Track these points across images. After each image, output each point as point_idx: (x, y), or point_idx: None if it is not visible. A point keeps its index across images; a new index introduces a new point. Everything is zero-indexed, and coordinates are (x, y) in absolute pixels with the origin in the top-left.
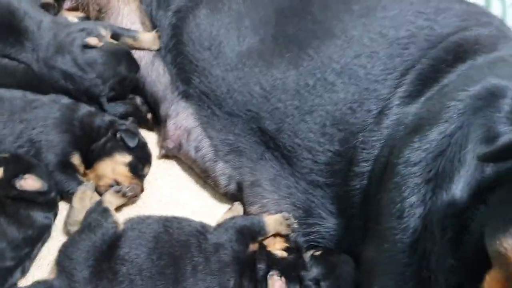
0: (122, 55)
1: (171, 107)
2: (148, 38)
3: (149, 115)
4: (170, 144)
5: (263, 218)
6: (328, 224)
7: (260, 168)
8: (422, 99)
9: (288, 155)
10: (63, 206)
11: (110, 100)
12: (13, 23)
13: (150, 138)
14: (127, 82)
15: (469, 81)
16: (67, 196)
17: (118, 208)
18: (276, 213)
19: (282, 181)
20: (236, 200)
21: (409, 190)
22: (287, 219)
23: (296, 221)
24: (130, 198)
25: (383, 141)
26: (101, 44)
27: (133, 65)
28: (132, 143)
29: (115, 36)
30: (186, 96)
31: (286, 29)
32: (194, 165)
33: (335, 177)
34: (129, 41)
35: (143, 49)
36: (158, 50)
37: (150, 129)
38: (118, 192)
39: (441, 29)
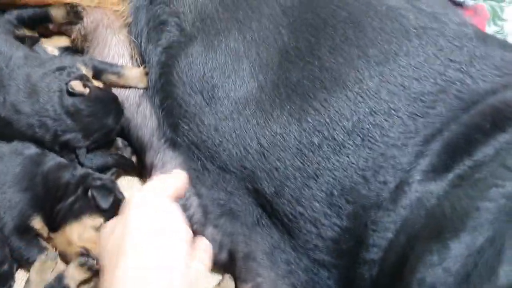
0: (111, 104)
1: (157, 156)
2: (135, 74)
3: (133, 158)
4: None
5: None
6: None
7: (256, 237)
8: (450, 176)
9: (289, 224)
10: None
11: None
12: None
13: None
14: (113, 134)
15: (506, 169)
16: (26, 266)
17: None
18: None
19: (281, 256)
20: (227, 271)
21: None
22: None
23: None
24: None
25: (399, 224)
26: (87, 91)
27: (120, 113)
28: (104, 204)
29: (96, 72)
30: (173, 144)
31: (289, 75)
32: None
33: (343, 259)
34: (113, 78)
35: (129, 87)
36: (145, 89)
37: (134, 174)
38: (83, 265)
39: (475, 84)
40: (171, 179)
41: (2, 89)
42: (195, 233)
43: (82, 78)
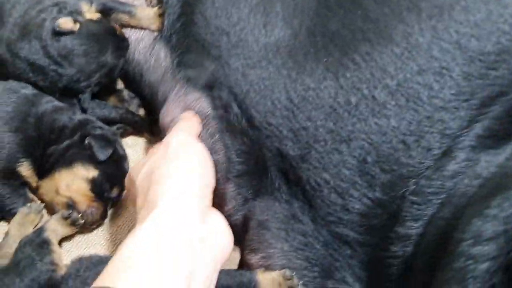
0: (107, 37)
1: (175, 88)
2: (148, 14)
3: (141, 111)
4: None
5: (256, 276)
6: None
7: (273, 204)
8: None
9: (311, 193)
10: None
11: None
12: None
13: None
14: (116, 71)
15: None
16: (8, 217)
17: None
18: (282, 269)
19: (298, 227)
20: (237, 239)
21: (476, 283)
22: (288, 279)
23: (302, 282)
24: (86, 227)
25: (444, 195)
26: (76, 27)
27: (122, 47)
28: (102, 155)
29: (105, 11)
30: (194, 83)
31: (327, 23)
32: None
33: (372, 234)
34: (124, 17)
35: (141, 27)
36: (158, 31)
37: (141, 133)
38: (66, 218)
39: None
40: (195, 122)
41: (1, 26)
42: (218, 181)
43: (71, 13)
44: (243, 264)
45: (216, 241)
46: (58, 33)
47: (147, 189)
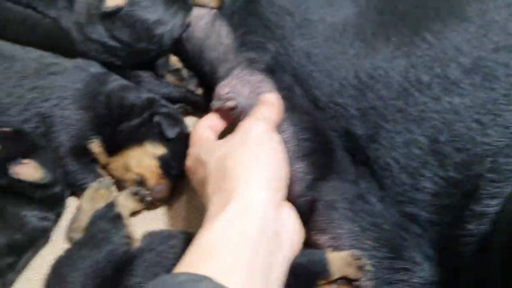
0: None
1: (238, 67)
2: None
3: (199, 90)
4: (243, 100)
5: (325, 255)
6: (422, 273)
7: (340, 184)
8: None
9: (380, 173)
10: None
11: None
12: None
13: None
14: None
15: None
16: (79, 192)
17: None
18: (350, 249)
19: (366, 207)
20: (304, 219)
21: None
22: (357, 259)
23: (370, 262)
24: (152, 203)
25: None
26: (123, 2)
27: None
28: (170, 133)
29: None
30: (258, 64)
31: (396, 2)
32: None
33: (444, 214)
34: None
35: (200, 5)
36: (217, 8)
37: (199, 112)
38: (135, 194)
39: None
40: (277, 109)
41: (69, 6)
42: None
43: None
44: (310, 245)
45: (288, 235)
46: (108, 14)
47: (222, 176)
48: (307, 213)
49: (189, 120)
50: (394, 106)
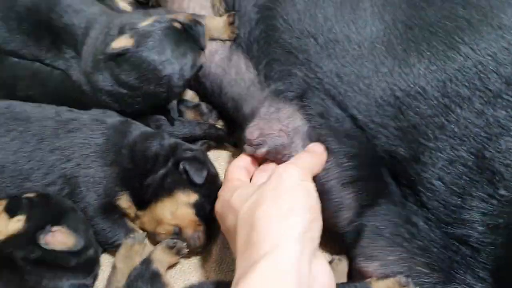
0: (164, 38)
1: (265, 103)
2: (217, 24)
3: (220, 122)
4: (277, 140)
5: (370, 285)
6: None
7: (387, 209)
8: None
9: (426, 194)
10: (108, 261)
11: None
12: (52, 20)
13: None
14: (196, 68)
15: None
16: (112, 249)
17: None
18: (400, 275)
19: (413, 231)
20: (351, 247)
21: None
22: (404, 286)
23: None
24: (192, 252)
25: None
26: (130, 42)
27: (186, 42)
28: (199, 178)
29: None
30: (283, 94)
31: (423, 14)
32: None
33: (497, 234)
34: None
35: (212, 39)
36: (230, 40)
37: (223, 146)
38: (171, 248)
39: None
40: (318, 159)
41: (75, 56)
42: (330, 190)
43: (130, 30)
44: (355, 273)
45: None
46: (115, 57)
47: (252, 227)
48: (354, 240)
49: (212, 154)
50: (435, 123)
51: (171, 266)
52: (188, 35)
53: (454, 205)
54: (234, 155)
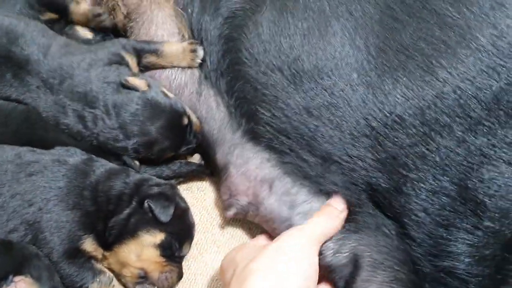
0: (164, 113)
1: (235, 152)
2: (176, 50)
3: (196, 156)
4: (243, 200)
5: None
6: None
7: (381, 240)
8: None
9: (412, 227)
10: None
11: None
12: (11, 53)
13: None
14: (155, 150)
15: None
16: None
17: None
18: None
19: (407, 267)
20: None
21: None
22: None
23: None
24: None
25: None
26: (145, 88)
27: (176, 134)
28: (164, 216)
29: (137, 54)
30: (254, 136)
31: (399, 37)
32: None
33: (485, 266)
34: (153, 59)
35: (172, 67)
36: (191, 67)
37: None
38: None
39: None
40: (335, 221)
41: (43, 85)
42: None
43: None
44: None
45: None
46: (124, 86)
47: (242, 281)
48: (350, 275)
49: (185, 184)
50: (416, 153)
51: None
52: (184, 132)
53: (440, 237)
54: (209, 183)
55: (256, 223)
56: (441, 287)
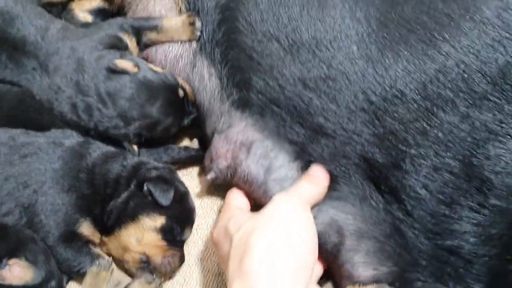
0: (161, 90)
1: (221, 120)
2: (175, 24)
3: (195, 142)
4: (222, 163)
5: None
6: None
7: (371, 213)
8: None
9: (411, 203)
10: None
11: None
12: (7, 34)
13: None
14: (159, 129)
15: None
16: (78, 277)
17: None
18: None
19: (402, 241)
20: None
21: None
22: None
23: None
24: (167, 276)
25: None
26: (135, 70)
27: (177, 108)
28: (165, 200)
29: (135, 32)
30: (243, 105)
31: (400, 11)
32: (264, 196)
33: (490, 245)
34: (153, 35)
35: (172, 41)
36: (192, 40)
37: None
38: (149, 283)
39: None
40: (320, 187)
41: (39, 67)
42: None
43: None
44: (341, 282)
45: None
46: (112, 71)
47: (242, 254)
48: (335, 246)
49: (183, 170)
50: (416, 129)
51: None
52: (183, 104)
53: (442, 214)
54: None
55: (257, 206)
56: (443, 266)
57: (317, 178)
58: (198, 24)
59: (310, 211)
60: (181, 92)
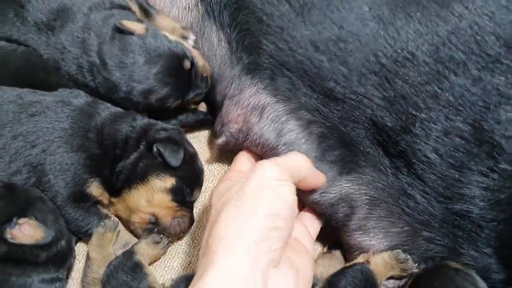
0: (162, 57)
1: (232, 85)
2: (166, 26)
3: (203, 106)
4: (233, 127)
5: (369, 267)
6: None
7: (379, 178)
8: None
9: (420, 167)
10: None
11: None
12: None
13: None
14: (153, 99)
15: None
16: (86, 237)
17: None
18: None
19: (412, 204)
20: (343, 226)
21: None
22: (402, 262)
23: (417, 264)
24: (175, 238)
25: None
26: (141, 32)
27: (177, 80)
28: (174, 161)
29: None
30: (253, 69)
31: None
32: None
33: (500, 209)
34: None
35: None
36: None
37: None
38: (157, 243)
39: None
40: (307, 160)
41: (43, 26)
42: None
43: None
44: (351, 248)
45: None
46: (119, 30)
47: (213, 225)
48: (347, 215)
49: (191, 133)
50: (427, 92)
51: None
52: (189, 77)
53: (452, 178)
54: (214, 134)
55: None
56: (455, 229)
57: (302, 155)
58: (191, 39)
59: (291, 182)
60: (187, 64)
